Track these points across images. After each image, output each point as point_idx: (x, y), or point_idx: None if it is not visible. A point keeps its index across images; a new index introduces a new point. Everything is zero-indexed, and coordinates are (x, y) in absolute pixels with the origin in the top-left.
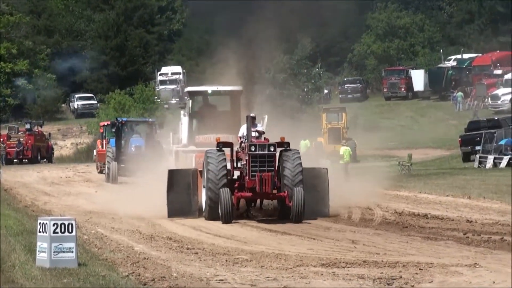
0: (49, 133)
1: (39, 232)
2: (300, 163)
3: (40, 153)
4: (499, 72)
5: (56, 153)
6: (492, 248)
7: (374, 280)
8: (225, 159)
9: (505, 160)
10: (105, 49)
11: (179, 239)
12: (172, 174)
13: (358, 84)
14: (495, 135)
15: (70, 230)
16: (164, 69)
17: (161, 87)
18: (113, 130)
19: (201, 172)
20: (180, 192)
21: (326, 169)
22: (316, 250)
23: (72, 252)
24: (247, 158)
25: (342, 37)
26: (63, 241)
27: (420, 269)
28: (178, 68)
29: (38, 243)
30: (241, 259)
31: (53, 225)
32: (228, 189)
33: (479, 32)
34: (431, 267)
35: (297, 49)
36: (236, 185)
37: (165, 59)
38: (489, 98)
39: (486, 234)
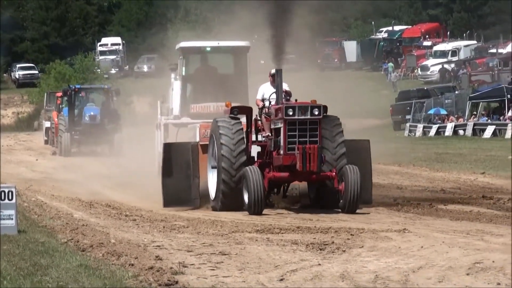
0: None
1: None
2: (342, 132)
3: None
4: (428, 43)
5: None
6: (421, 214)
7: (307, 245)
8: (242, 129)
9: (433, 129)
10: (45, 20)
11: (118, 206)
12: (169, 149)
13: (293, 55)
14: (424, 104)
15: (10, 198)
16: (104, 40)
17: (101, 57)
18: (66, 98)
19: (203, 146)
20: (178, 174)
21: (368, 140)
22: (251, 217)
23: (12, 219)
24: (282, 125)
25: None
26: (3, 208)
27: (351, 234)
28: (117, 39)
29: None
30: (178, 226)
31: None
32: (257, 168)
33: (409, 5)
34: (362, 232)
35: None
36: (256, 165)
37: (105, 30)
38: (419, 69)
39: (416, 201)
